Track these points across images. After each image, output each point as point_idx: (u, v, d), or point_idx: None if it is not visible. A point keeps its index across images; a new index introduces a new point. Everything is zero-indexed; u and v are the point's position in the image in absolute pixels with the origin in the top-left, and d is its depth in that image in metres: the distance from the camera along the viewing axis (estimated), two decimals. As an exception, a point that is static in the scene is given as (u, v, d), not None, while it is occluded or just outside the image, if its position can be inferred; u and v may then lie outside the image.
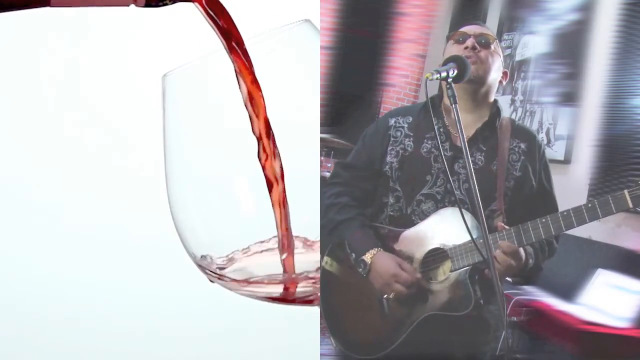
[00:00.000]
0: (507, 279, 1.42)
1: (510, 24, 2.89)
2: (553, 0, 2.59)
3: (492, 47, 1.33)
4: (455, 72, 1.19)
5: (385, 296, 1.28)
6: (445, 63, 1.21)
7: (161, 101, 0.70)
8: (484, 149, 1.30)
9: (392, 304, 1.28)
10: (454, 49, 1.31)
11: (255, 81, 0.65)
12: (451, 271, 1.26)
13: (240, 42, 0.65)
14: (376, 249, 1.29)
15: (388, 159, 1.33)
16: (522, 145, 1.32)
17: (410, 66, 3.63)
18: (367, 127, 1.42)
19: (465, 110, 1.30)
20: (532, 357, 1.84)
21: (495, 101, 1.33)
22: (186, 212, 0.69)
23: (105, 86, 1.32)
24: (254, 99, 0.65)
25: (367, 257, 1.28)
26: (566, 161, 2.41)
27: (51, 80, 1.31)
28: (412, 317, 1.27)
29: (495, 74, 1.32)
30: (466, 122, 1.27)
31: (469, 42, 1.31)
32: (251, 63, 0.65)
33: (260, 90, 0.65)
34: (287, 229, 0.67)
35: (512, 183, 1.29)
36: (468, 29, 1.34)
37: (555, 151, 2.44)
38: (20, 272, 1.31)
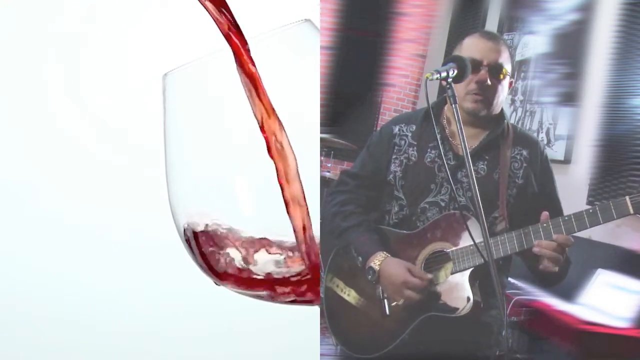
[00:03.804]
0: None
1: (510, 24, 2.89)
2: (553, 0, 2.59)
3: (504, 69, 1.29)
4: (455, 72, 1.18)
5: (394, 303, 1.28)
6: (445, 63, 1.21)
7: (161, 101, 0.70)
8: (487, 157, 1.30)
9: (394, 305, 1.28)
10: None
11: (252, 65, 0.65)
12: (452, 273, 1.27)
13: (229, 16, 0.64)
14: (383, 254, 1.28)
15: (392, 167, 1.33)
16: (524, 153, 1.31)
17: (410, 66, 3.63)
18: (367, 131, 1.42)
19: (469, 124, 1.29)
20: (532, 357, 1.84)
21: (502, 112, 1.32)
22: (187, 212, 0.69)
23: (105, 86, 1.32)
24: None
25: (376, 263, 1.28)
26: (566, 161, 2.41)
27: (51, 80, 1.31)
28: (412, 317, 1.28)
29: (502, 97, 1.30)
30: (470, 133, 1.27)
31: (482, 76, 1.27)
32: (245, 43, 0.65)
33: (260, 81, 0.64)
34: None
35: (515, 191, 1.29)
36: (481, 50, 1.29)
37: (555, 151, 2.44)
38: (20, 272, 1.31)
